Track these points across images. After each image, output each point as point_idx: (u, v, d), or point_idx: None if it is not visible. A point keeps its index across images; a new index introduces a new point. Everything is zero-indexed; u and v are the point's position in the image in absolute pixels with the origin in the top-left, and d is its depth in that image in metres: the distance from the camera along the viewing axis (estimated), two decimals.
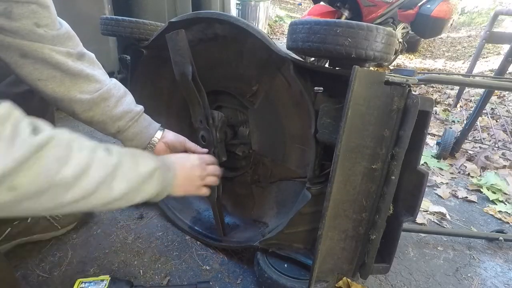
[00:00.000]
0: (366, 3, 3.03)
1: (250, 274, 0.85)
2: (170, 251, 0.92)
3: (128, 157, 0.52)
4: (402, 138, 0.57)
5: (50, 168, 0.39)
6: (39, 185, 0.38)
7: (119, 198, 0.48)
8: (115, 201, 0.48)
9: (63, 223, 0.92)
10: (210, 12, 0.75)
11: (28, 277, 0.79)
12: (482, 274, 0.94)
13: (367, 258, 0.66)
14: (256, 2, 5.36)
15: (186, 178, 0.68)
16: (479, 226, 1.19)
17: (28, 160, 0.37)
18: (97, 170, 0.45)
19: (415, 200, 0.62)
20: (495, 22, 1.59)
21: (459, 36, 7.35)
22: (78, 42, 0.64)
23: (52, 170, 0.39)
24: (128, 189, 0.49)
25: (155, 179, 0.56)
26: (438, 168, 1.63)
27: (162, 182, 0.57)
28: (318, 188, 0.71)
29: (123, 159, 0.50)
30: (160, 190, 0.57)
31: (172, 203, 1.05)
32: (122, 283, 0.73)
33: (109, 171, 0.46)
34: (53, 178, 0.40)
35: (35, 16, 0.53)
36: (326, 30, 0.54)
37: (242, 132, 0.90)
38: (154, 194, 0.57)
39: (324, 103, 0.65)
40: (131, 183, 0.50)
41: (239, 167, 0.96)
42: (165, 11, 2.04)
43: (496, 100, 2.87)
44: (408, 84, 0.56)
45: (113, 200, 0.48)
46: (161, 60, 0.95)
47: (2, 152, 0.35)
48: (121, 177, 0.48)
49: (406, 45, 3.84)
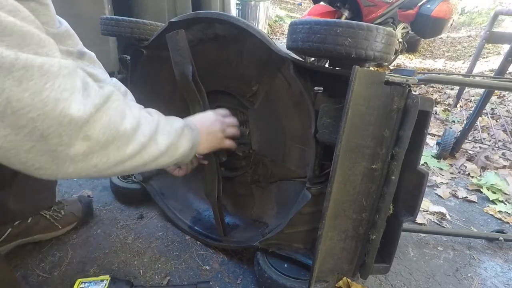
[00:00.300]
0: (366, 3, 3.03)
1: (250, 274, 0.85)
2: (170, 251, 0.92)
3: (161, 116, 0.57)
4: (402, 138, 0.57)
5: (115, 119, 0.42)
6: (107, 134, 0.41)
7: (164, 151, 0.52)
8: (161, 155, 0.52)
9: (63, 223, 0.92)
10: (210, 12, 0.75)
11: (28, 277, 0.79)
12: (482, 274, 0.94)
13: (367, 258, 0.66)
14: (256, 2, 5.36)
15: (209, 134, 0.71)
16: (479, 226, 1.19)
17: (99, 109, 0.40)
18: (146, 125, 0.49)
19: (415, 200, 0.62)
20: (495, 22, 1.59)
21: (459, 36, 7.35)
22: (78, 41, 0.64)
23: (116, 121, 0.42)
24: (169, 143, 0.54)
25: (186, 134, 0.60)
26: (438, 168, 1.63)
27: (191, 138, 0.61)
28: (318, 188, 0.71)
29: (159, 117, 0.55)
30: (191, 145, 0.61)
31: (172, 203, 1.05)
32: (122, 283, 0.73)
33: (153, 127, 0.50)
34: (118, 129, 0.43)
35: (34, 13, 0.53)
36: (326, 30, 0.54)
37: (242, 132, 0.90)
38: (188, 150, 0.60)
39: (324, 103, 0.65)
40: (171, 137, 0.55)
41: (239, 167, 0.96)
42: (165, 11, 2.04)
43: (496, 100, 2.87)
44: (408, 84, 0.56)
45: (160, 154, 0.52)
46: (161, 60, 0.95)
47: (80, 101, 0.37)
48: (162, 132, 0.53)
49: (406, 45, 3.84)
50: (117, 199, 1.13)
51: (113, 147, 0.43)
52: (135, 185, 1.10)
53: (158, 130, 0.51)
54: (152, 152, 0.50)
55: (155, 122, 0.52)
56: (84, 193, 1.14)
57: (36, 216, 0.87)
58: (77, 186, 1.20)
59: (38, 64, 0.34)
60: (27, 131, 0.35)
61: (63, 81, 0.36)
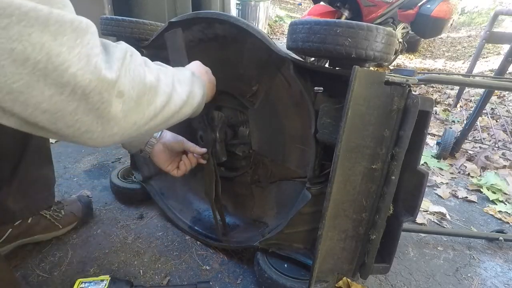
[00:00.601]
0: (366, 3, 3.03)
1: (250, 274, 0.85)
2: (170, 251, 0.92)
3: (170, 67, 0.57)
4: (402, 138, 0.57)
5: (139, 71, 0.43)
6: (136, 89, 0.41)
7: (185, 100, 0.53)
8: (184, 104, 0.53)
9: (63, 223, 0.92)
10: (210, 12, 0.75)
11: (28, 277, 0.79)
12: (482, 274, 0.94)
13: (367, 258, 0.66)
14: (256, 2, 5.36)
15: (210, 82, 0.72)
16: (479, 226, 1.19)
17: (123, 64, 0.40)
18: (164, 76, 0.49)
19: (415, 200, 0.62)
20: (495, 22, 1.59)
21: (459, 36, 7.35)
22: None
23: (141, 73, 0.43)
24: (187, 91, 0.54)
25: (196, 81, 0.60)
26: (438, 168, 1.63)
27: (201, 86, 0.62)
28: (318, 188, 0.71)
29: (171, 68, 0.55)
30: (203, 93, 0.62)
31: (172, 203, 1.05)
32: (122, 283, 0.73)
33: (170, 78, 0.51)
34: (144, 82, 0.43)
35: None
36: (326, 30, 0.54)
37: (242, 132, 0.90)
38: (201, 98, 0.61)
39: (324, 103, 0.65)
40: (187, 86, 0.55)
41: (239, 167, 0.96)
42: (165, 11, 2.04)
43: (496, 100, 2.87)
44: (408, 84, 0.56)
45: (183, 103, 0.52)
46: (161, 60, 0.95)
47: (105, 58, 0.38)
48: (178, 81, 0.53)
49: (406, 45, 3.85)
50: (117, 199, 1.13)
51: (144, 101, 0.43)
52: (135, 185, 1.10)
53: (174, 79, 0.52)
54: (176, 102, 0.50)
55: (170, 72, 0.52)
56: (83, 193, 1.14)
57: (37, 216, 0.87)
58: (77, 186, 1.20)
59: (69, 20, 0.34)
60: (70, 89, 0.34)
61: (91, 38, 0.36)
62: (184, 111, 0.54)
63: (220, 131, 0.86)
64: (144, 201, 1.11)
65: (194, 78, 0.60)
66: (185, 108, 0.54)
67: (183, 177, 0.89)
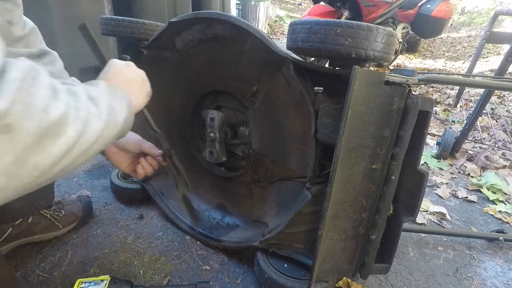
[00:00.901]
0: (366, 3, 3.03)
1: (250, 274, 0.85)
2: (170, 251, 0.92)
3: (81, 84, 0.46)
4: (402, 138, 0.57)
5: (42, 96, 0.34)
6: (37, 118, 0.33)
7: (107, 119, 0.43)
8: (106, 125, 0.43)
9: (64, 223, 0.92)
10: (210, 12, 0.75)
11: (28, 277, 0.79)
12: (482, 274, 0.94)
13: (367, 258, 0.66)
14: (256, 2, 5.36)
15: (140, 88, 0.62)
16: (479, 226, 1.19)
17: (21, 88, 0.31)
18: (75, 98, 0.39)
19: (415, 200, 0.62)
20: (495, 22, 1.59)
21: (459, 36, 7.35)
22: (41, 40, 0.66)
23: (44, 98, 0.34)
24: (107, 107, 0.45)
25: (116, 92, 0.50)
26: (438, 168, 1.63)
27: (123, 97, 0.51)
28: (318, 188, 0.71)
29: (82, 85, 0.45)
30: (126, 104, 0.51)
31: (172, 203, 1.05)
32: (122, 283, 0.73)
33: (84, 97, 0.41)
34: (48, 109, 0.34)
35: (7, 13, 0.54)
36: (326, 30, 0.54)
37: (242, 132, 0.90)
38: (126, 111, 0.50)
39: (324, 103, 0.65)
40: (105, 101, 0.45)
41: (239, 167, 0.96)
42: (165, 11, 2.04)
43: (496, 100, 2.87)
44: (408, 84, 0.56)
45: (105, 124, 0.43)
46: (161, 60, 0.95)
47: None
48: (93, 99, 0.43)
49: (406, 45, 3.84)
50: (117, 199, 1.13)
51: (50, 135, 0.34)
52: (135, 185, 1.10)
53: (88, 97, 0.42)
54: (95, 125, 0.41)
55: (82, 89, 0.42)
56: (83, 193, 1.14)
57: (37, 216, 0.87)
58: (77, 186, 1.20)
59: None
60: None
61: None
62: (110, 132, 0.45)
63: (220, 131, 0.85)
64: (144, 201, 1.11)
65: (112, 89, 0.50)
66: (109, 129, 0.44)
67: None
